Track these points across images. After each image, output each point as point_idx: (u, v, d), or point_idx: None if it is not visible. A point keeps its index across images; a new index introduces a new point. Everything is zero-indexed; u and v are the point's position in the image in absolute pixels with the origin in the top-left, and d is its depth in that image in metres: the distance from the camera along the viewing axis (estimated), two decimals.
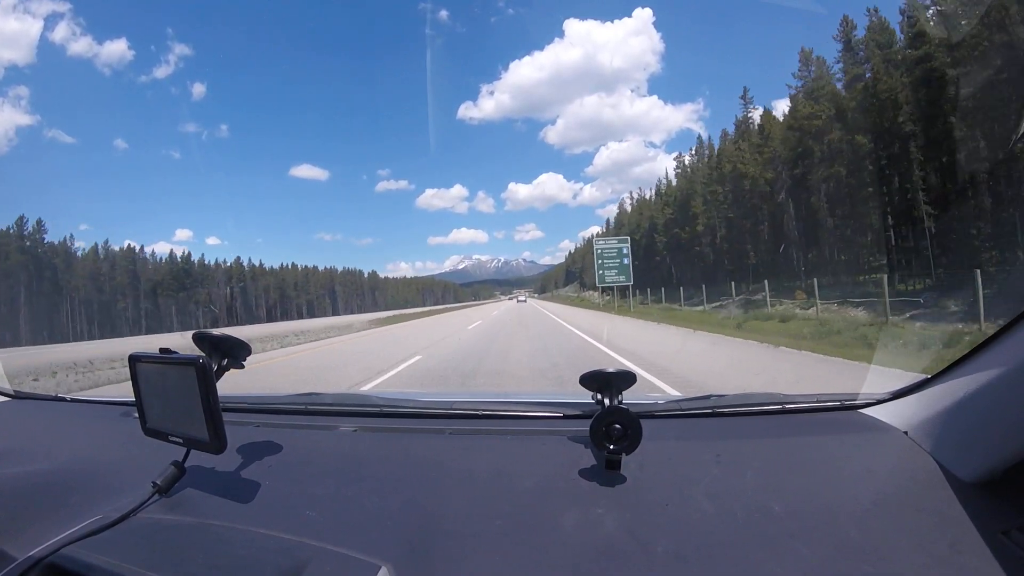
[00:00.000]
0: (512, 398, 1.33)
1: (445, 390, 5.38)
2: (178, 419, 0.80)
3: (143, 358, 0.84)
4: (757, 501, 0.75)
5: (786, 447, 0.92)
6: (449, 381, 6.17)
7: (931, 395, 0.86)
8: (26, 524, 0.79)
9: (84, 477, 0.94)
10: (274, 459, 0.97)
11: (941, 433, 0.80)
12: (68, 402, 1.60)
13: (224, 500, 0.83)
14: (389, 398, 1.33)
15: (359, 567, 0.64)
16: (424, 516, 0.77)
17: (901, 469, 0.80)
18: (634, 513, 0.75)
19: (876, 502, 0.73)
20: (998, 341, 0.73)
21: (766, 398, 1.17)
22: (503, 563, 0.66)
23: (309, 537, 0.71)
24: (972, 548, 0.63)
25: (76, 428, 1.33)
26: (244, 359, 0.91)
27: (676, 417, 1.11)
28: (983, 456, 0.70)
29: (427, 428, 1.14)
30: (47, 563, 0.68)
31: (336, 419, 1.21)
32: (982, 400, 0.71)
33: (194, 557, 0.70)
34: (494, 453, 0.97)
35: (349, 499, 0.84)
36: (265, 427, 1.15)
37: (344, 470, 0.95)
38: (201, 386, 0.75)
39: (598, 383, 0.90)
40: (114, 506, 0.80)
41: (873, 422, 0.97)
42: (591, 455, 0.89)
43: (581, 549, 0.67)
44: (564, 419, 1.10)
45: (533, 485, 0.84)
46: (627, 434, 0.80)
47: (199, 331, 0.88)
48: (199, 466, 0.88)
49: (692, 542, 0.68)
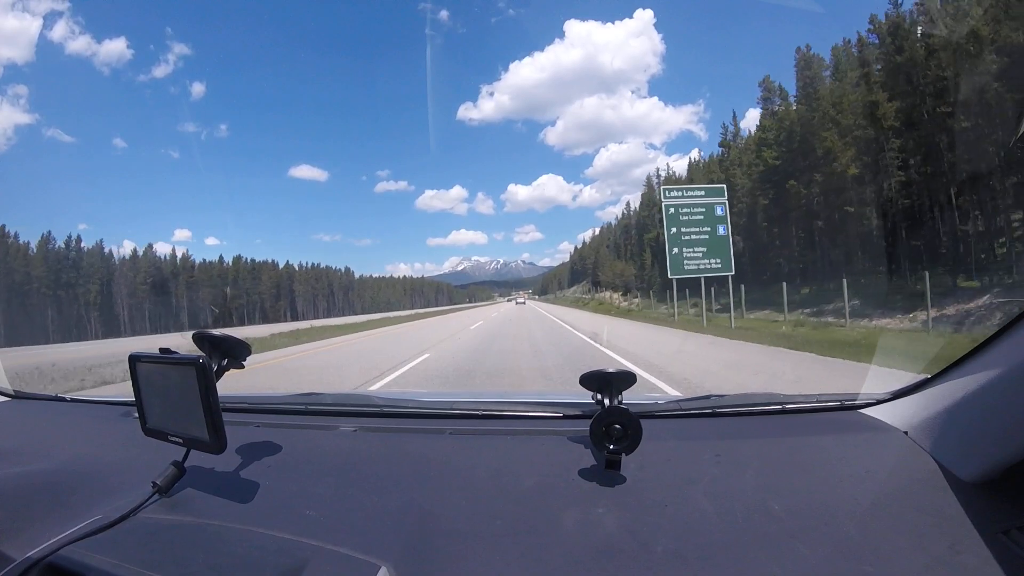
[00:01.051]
0: (512, 398, 1.33)
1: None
2: (178, 419, 0.80)
3: (143, 358, 0.84)
4: (757, 501, 0.75)
5: (786, 447, 0.92)
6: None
7: (931, 395, 0.86)
8: (26, 524, 0.79)
9: (84, 477, 0.94)
10: (274, 459, 0.97)
11: (941, 433, 0.80)
12: (68, 402, 1.60)
13: (224, 500, 0.83)
14: (389, 398, 1.33)
15: (359, 567, 0.64)
16: (424, 516, 0.77)
17: (901, 469, 0.80)
18: (634, 513, 0.75)
19: (876, 502, 0.73)
20: (998, 341, 0.73)
21: (766, 398, 1.17)
22: (503, 563, 0.66)
23: (309, 537, 0.71)
24: (972, 548, 0.63)
25: (76, 428, 1.33)
26: (244, 359, 0.91)
27: (676, 417, 1.11)
28: (983, 456, 0.70)
29: (427, 428, 1.14)
30: (47, 563, 0.68)
31: (336, 419, 1.21)
32: (982, 400, 0.71)
33: (194, 557, 0.70)
34: (494, 453, 0.97)
35: (349, 499, 0.84)
36: (265, 427, 1.15)
37: (344, 470, 0.95)
38: (201, 386, 0.75)
39: (598, 383, 0.90)
40: (114, 506, 0.80)
41: (873, 422, 0.97)
42: (591, 455, 0.89)
43: (581, 549, 0.67)
44: (564, 419, 1.10)
45: (533, 485, 0.84)
46: (627, 434, 0.80)
47: (199, 331, 0.88)
48: (199, 466, 0.88)
49: (692, 542, 0.68)
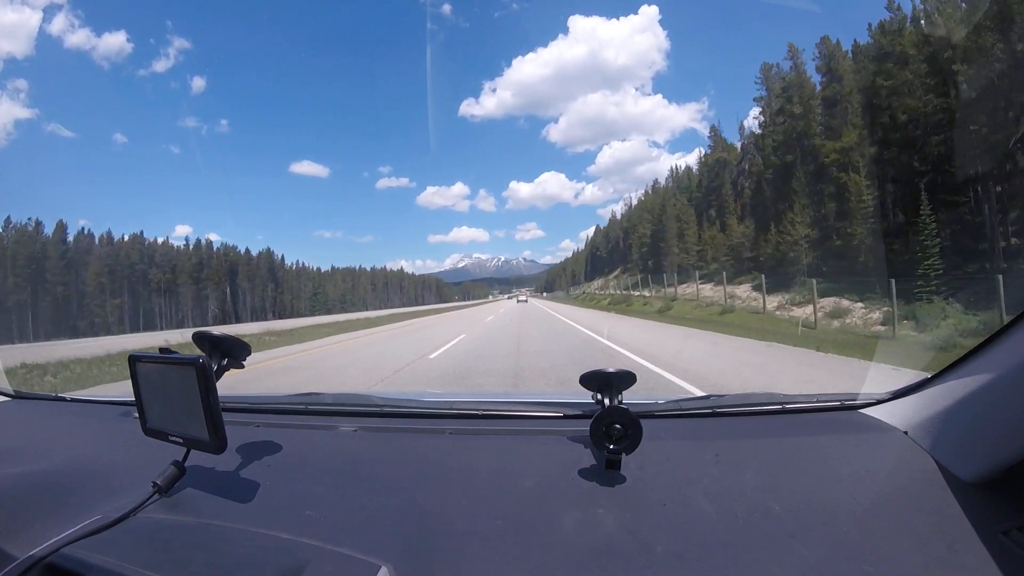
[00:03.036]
0: (513, 398, 1.33)
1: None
2: (178, 419, 0.80)
3: (143, 358, 0.84)
4: (757, 501, 0.75)
5: (786, 447, 0.92)
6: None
7: (931, 395, 0.86)
8: (26, 524, 0.79)
9: (84, 477, 0.94)
10: (274, 459, 0.97)
11: (941, 433, 0.80)
12: (68, 402, 1.60)
13: (224, 500, 0.83)
14: (389, 398, 1.33)
15: (359, 567, 0.64)
16: (424, 516, 0.77)
17: (901, 469, 0.80)
18: (634, 513, 0.75)
19: (876, 502, 0.73)
20: (998, 341, 0.73)
21: (766, 398, 1.17)
22: (503, 563, 0.66)
23: (309, 537, 0.71)
24: (972, 548, 0.63)
25: (76, 428, 1.33)
26: (244, 359, 0.91)
27: (676, 417, 1.11)
28: (983, 456, 0.70)
29: (427, 428, 1.14)
30: (47, 563, 0.68)
31: (336, 419, 1.21)
32: (982, 400, 0.71)
33: (194, 557, 0.70)
34: (494, 453, 0.97)
35: (349, 499, 0.84)
36: (265, 427, 1.15)
37: (344, 470, 0.95)
38: (201, 386, 0.75)
39: (598, 383, 0.90)
40: (114, 506, 0.80)
41: (873, 422, 0.97)
42: (591, 455, 0.89)
43: (581, 549, 0.67)
44: (564, 419, 1.10)
45: (533, 485, 0.84)
46: (627, 434, 0.80)
47: (199, 331, 0.88)
48: (199, 466, 0.88)
49: (692, 542, 0.68)
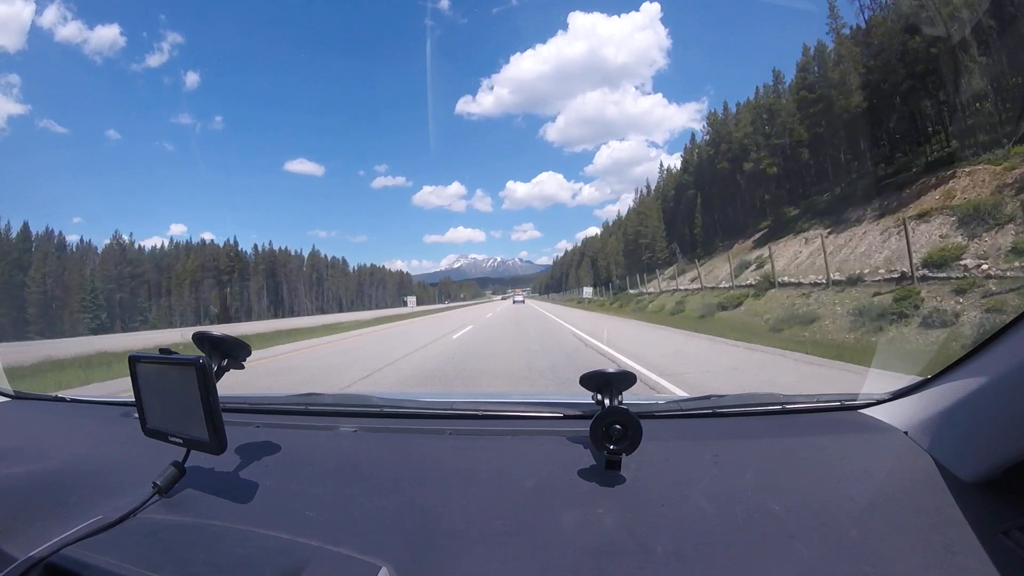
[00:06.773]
0: (512, 398, 1.34)
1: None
2: (178, 419, 0.80)
3: (143, 358, 0.84)
4: (756, 501, 0.75)
5: (785, 447, 0.92)
6: None
7: (931, 395, 0.86)
8: (26, 524, 0.78)
9: (84, 477, 0.94)
10: (274, 459, 0.97)
11: (941, 433, 0.80)
12: (68, 402, 1.60)
13: (224, 500, 0.83)
14: (389, 398, 1.33)
15: (359, 567, 0.64)
16: (424, 516, 0.77)
17: (900, 469, 0.80)
18: (634, 513, 0.75)
19: (875, 502, 0.73)
20: (998, 341, 0.73)
21: (766, 398, 1.17)
22: (503, 563, 0.66)
23: (309, 537, 0.71)
24: (971, 548, 0.63)
25: (76, 428, 1.33)
26: (244, 359, 0.91)
27: (676, 417, 1.11)
28: (983, 456, 0.70)
29: (427, 428, 1.14)
30: (47, 563, 0.68)
31: (336, 419, 1.21)
32: (982, 400, 0.71)
33: (194, 557, 0.70)
34: (494, 453, 0.97)
35: (349, 499, 0.84)
36: (265, 427, 1.15)
37: (344, 470, 0.95)
38: (201, 386, 0.75)
39: (598, 383, 0.90)
40: (114, 506, 0.80)
41: (873, 422, 0.97)
42: (591, 455, 0.89)
43: (581, 549, 0.67)
44: (564, 419, 1.10)
45: (533, 485, 0.84)
46: (627, 434, 0.80)
47: (199, 331, 0.88)
48: (199, 466, 0.88)
49: (691, 542, 0.68)
